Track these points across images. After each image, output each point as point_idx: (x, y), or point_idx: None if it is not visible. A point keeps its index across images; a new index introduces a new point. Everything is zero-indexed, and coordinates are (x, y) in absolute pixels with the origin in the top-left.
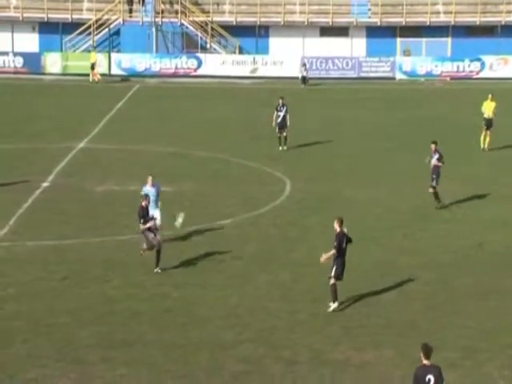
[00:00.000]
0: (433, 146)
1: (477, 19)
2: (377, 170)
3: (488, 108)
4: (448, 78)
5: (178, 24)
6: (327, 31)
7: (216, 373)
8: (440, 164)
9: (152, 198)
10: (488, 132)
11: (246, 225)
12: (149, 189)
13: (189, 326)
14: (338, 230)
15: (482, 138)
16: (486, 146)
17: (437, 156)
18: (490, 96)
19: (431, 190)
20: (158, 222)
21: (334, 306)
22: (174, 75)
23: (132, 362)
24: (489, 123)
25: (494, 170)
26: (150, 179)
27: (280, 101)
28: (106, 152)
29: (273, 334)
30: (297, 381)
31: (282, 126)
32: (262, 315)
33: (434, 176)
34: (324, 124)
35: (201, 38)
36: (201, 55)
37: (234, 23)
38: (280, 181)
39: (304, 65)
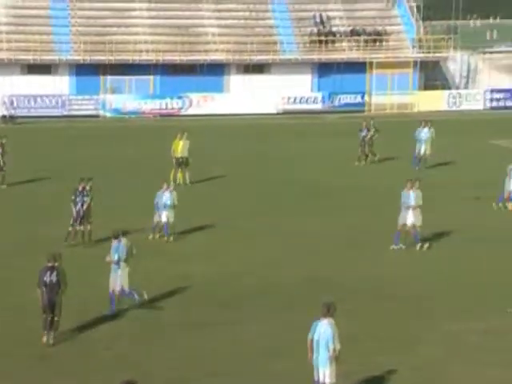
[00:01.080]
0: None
1: (180, 58)
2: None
3: (177, 147)
4: (152, 116)
5: None
6: (32, 69)
7: None
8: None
9: None
10: (186, 169)
11: None
12: None
13: None
14: (48, 265)
15: (172, 176)
16: (182, 181)
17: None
18: (178, 135)
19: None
20: None
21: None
22: None
23: None
24: (183, 161)
25: (197, 203)
26: None
27: None
28: None
29: None
30: None
31: None
32: None
33: None
34: (29, 163)
35: None
36: None
37: None
38: None
39: (11, 103)
